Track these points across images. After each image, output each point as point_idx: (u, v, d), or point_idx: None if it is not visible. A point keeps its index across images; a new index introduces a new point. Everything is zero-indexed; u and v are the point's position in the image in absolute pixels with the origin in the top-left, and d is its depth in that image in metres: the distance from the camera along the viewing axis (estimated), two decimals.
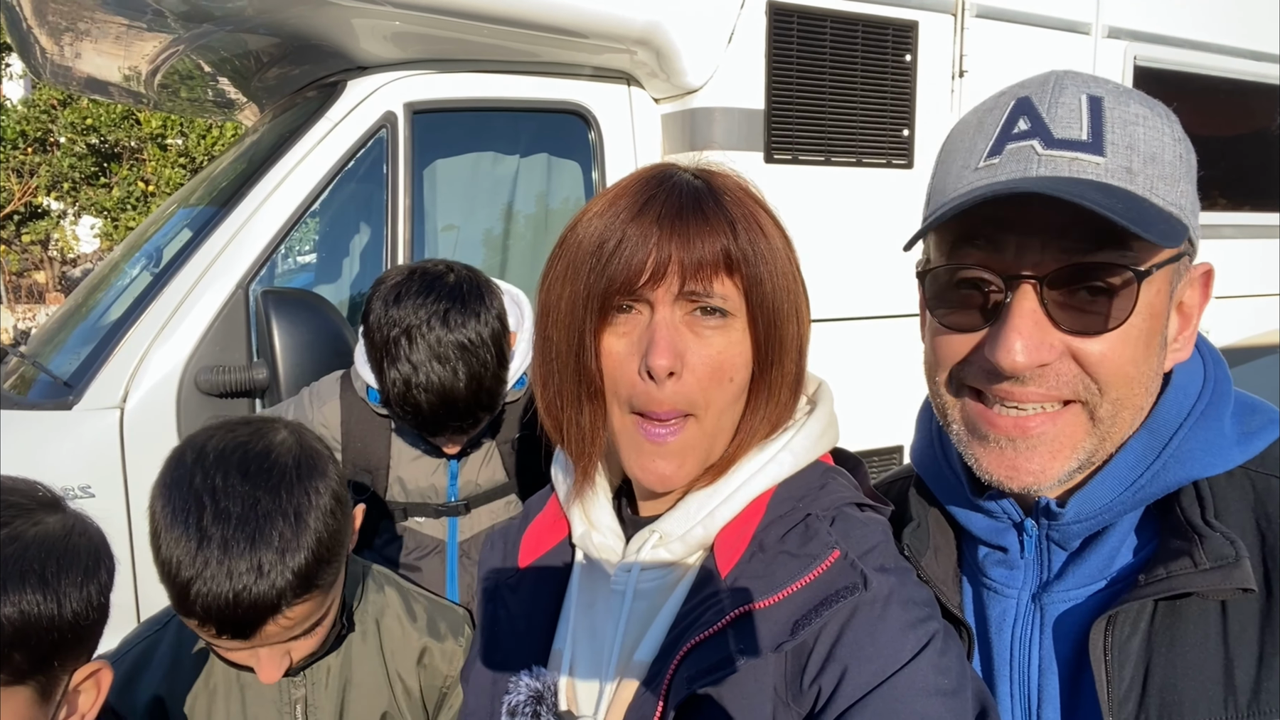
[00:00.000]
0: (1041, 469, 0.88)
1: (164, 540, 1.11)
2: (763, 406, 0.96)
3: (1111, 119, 0.84)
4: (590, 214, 0.95)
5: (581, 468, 1.00)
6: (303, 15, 2.85)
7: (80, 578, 0.98)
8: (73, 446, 2.53)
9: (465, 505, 2.11)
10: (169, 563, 1.10)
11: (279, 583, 1.11)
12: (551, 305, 0.96)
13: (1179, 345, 0.91)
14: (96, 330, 2.89)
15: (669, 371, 0.89)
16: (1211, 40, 4.28)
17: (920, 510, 1.04)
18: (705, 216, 0.91)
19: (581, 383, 0.95)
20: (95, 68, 3.80)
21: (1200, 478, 0.87)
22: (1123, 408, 0.87)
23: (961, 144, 0.92)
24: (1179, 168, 0.85)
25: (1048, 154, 0.83)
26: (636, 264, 0.89)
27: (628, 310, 0.92)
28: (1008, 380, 0.86)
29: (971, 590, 1.01)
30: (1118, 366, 0.84)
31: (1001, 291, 0.85)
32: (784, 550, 0.91)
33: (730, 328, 0.93)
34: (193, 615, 1.11)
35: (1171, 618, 0.84)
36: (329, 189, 2.91)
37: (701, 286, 0.90)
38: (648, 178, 0.95)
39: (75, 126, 14.07)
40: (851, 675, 0.82)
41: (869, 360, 3.32)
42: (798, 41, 3.27)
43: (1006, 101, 0.89)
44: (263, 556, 1.10)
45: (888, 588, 0.87)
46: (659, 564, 0.96)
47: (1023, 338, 0.83)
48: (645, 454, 0.93)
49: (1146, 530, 0.91)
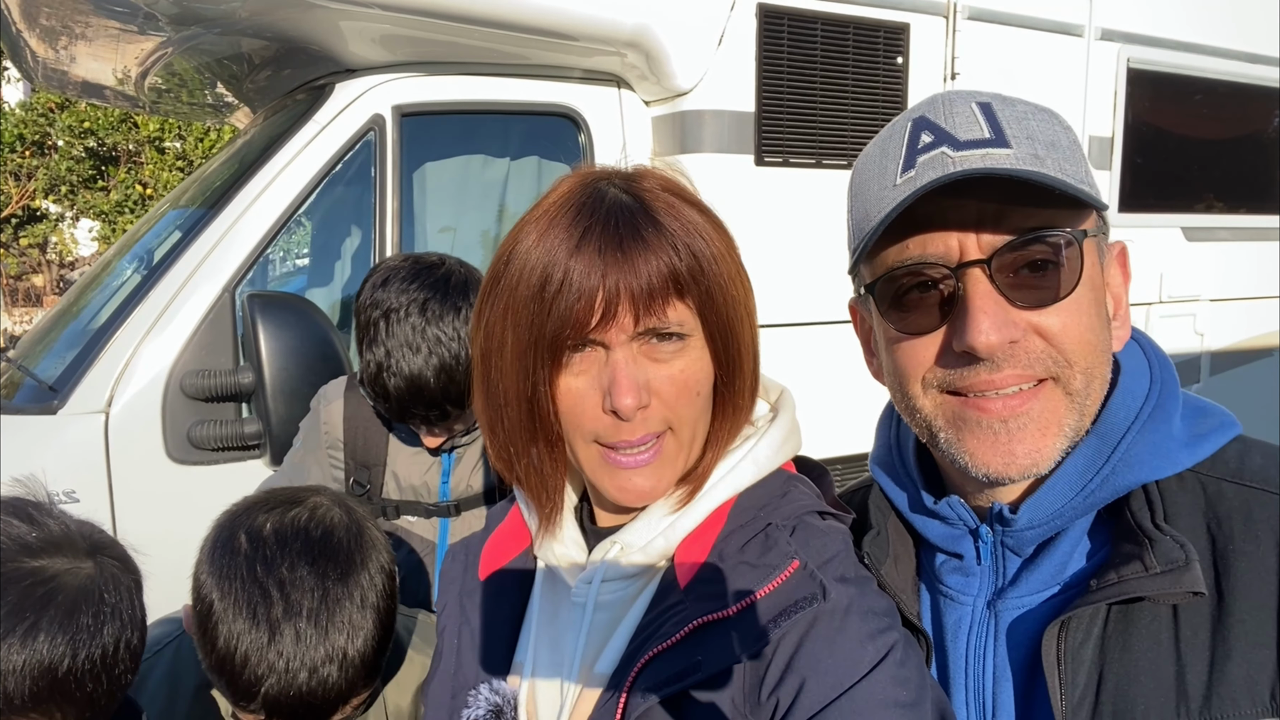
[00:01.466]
0: (1035, 448, 0.88)
1: (224, 631, 1.07)
2: (729, 414, 0.96)
3: (1005, 117, 0.88)
4: (523, 246, 0.90)
5: (546, 512, 0.98)
6: (291, 18, 2.85)
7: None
8: (57, 451, 2.52)
9: (455, 506, 2.10)
10: (232, 656, 1.07)
11: (350, 673, 1.11)
12: (494, 349, 0.92)
13: (1118, 324, 0.94)
14: (83, 334, 2.89)
15: (638, 407, 0.87)
16: (1205, 42, 4.27)
17: (880, 518, 1.04)
18: (645, 241, 0.87)
19: (538, 429, 0.92)
20: (87, 71, 3.80)
21: (1149, 481, 0.88)
22: (1093, 378, 0.88)
23: (871, 173, 0.95)
24: (1076, 151, 0.90)
25: (960, 154, 0.87)
26: (584, 305, 0.86)
27: (581, 349, 0.89)
28: (983, 367, 0.87)
29: (929, 598, 1.01)
30: (1079, 334, 0.87)
31: (953, 281, 0.87)
32: (743, 561, 0.91)
33: (688, 347, 0.91)
34: (253, 703, 1.08)
35: (1124, 623, 0.85)
36: (316, 192, 2.90)
37: (657, 320, 0.88)
38: (579, 203, 0.90)
39: (73, 130, 14.09)
40: (810, 687, 0.82)
41: (854, 366, 3.30)
42: (788, 44, 3.27)
43: (903, 125, 0.93)
44: (335, 648, 1.10)
45: (847, 598, 0.87)
46: (620, 576, 0.95)
47: (988, 316, 0.84)
48: (621, 475, 0.92)
49: (1099, 535, 0.91)
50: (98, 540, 1.01)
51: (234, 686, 1.09)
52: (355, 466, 2.11)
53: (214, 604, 1.09)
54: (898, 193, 0.89)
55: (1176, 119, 4.32)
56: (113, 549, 1.01)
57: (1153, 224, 4.23)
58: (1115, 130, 4.08)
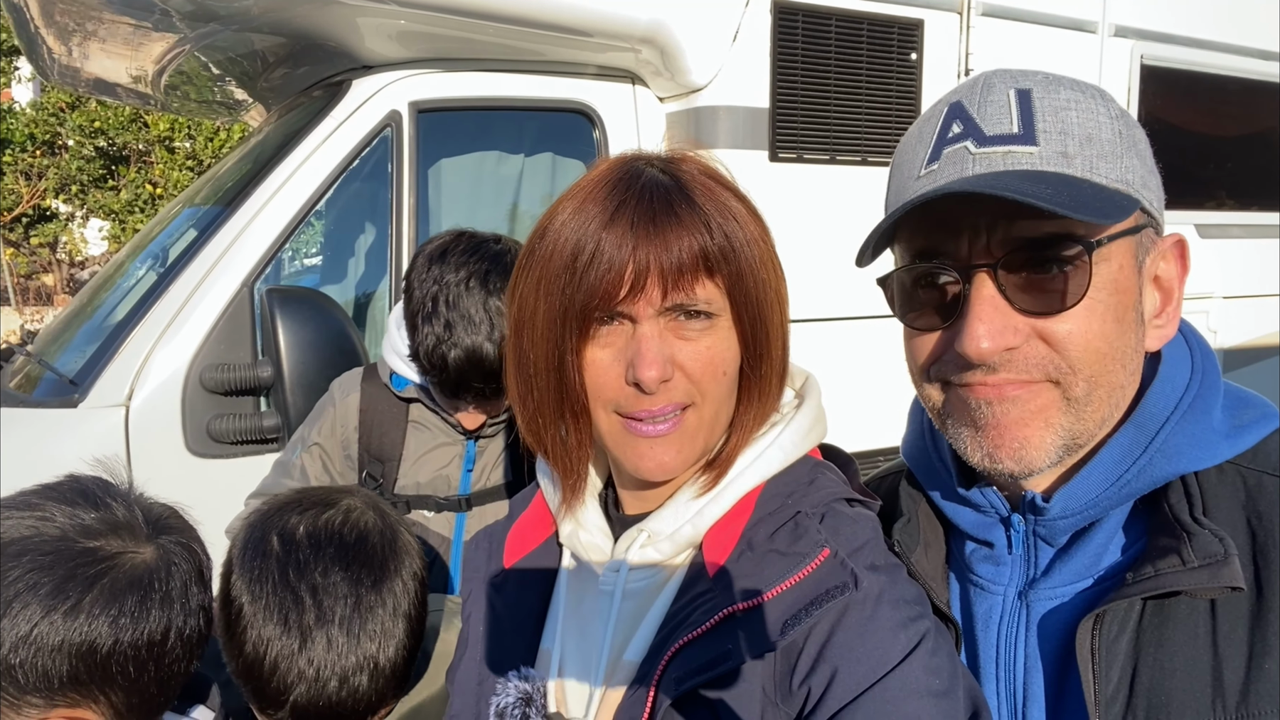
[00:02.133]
0: (1023, 439, 0.87)
1: (253, 636, 1.06)
2: (755, 399, 0.95)
3: (1041, 108, 0.86)
4: (559, 220, 0.91)
5: (570, 484, 0.99)
6: (308, 15, 2.86)
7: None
8: (78, 444, 2.54)
9: (468, 501, 2.11)
10: (261, 662, 1.06)
11: (381, 683, 1.09)
12: (526, 320, 0.93)
13: (1161, 322, 0.91)
14: (102, 329, 2.90)
15: (661, 380, 0.87)
16: (1219, 39, 4.26)
17: (910, 505, 1.04)
18: (679, 217, 0.87)
19: (564, 400, 0.92)
20: (102, 69, 3.82)
21: (1188, 472, 0.86)
22: (1097, 386, 0.86)
23: (906, 155, 0.94)
24: (1119, 144, 0.86)
25: (981, 152, 0.85)
26: (614, 276, 0.86)
27: (609, 322, 0.90)
28: (979, 370, 0.86)
29: (959, 587, 1.01)
30: (1087, 342, 0.85)
31: (959, 284, 0.86)
32: (773, 549, 0.90)
33: (716, 327, 0.91)
34: (280, 711, 1.07)
35: (1159, 617, 0.83)
36: (334, 188, 2.92)
37: (685, 295, 0.88)
38: (615, 179, 0.91)
39: (83, 129, 14.14)
40: (842, 676, 0.81)
41: (873, 359, 3.31)
42: (803, 40, 3.27)
43: (941, 109, 0.91)
44: (367, 656, 1.08)
45: (878, 586, 0.86)
46: (647, 563, 0.95)
47: (984, 323, 0.84)
48: (642, 445, 0.92)
49: (1135, 527, 0.90)
50: (165, 525, 1.00)
51: (261, 693, 1.07)
52: (369, 459, 2.11)
53: (244, 607, 1.07)
54: (919, 185, 0.89)
55: (1190, 116, 4.31)
56: (180, 534, 1.01)
57: (1166, 221, 4.21)
58: None
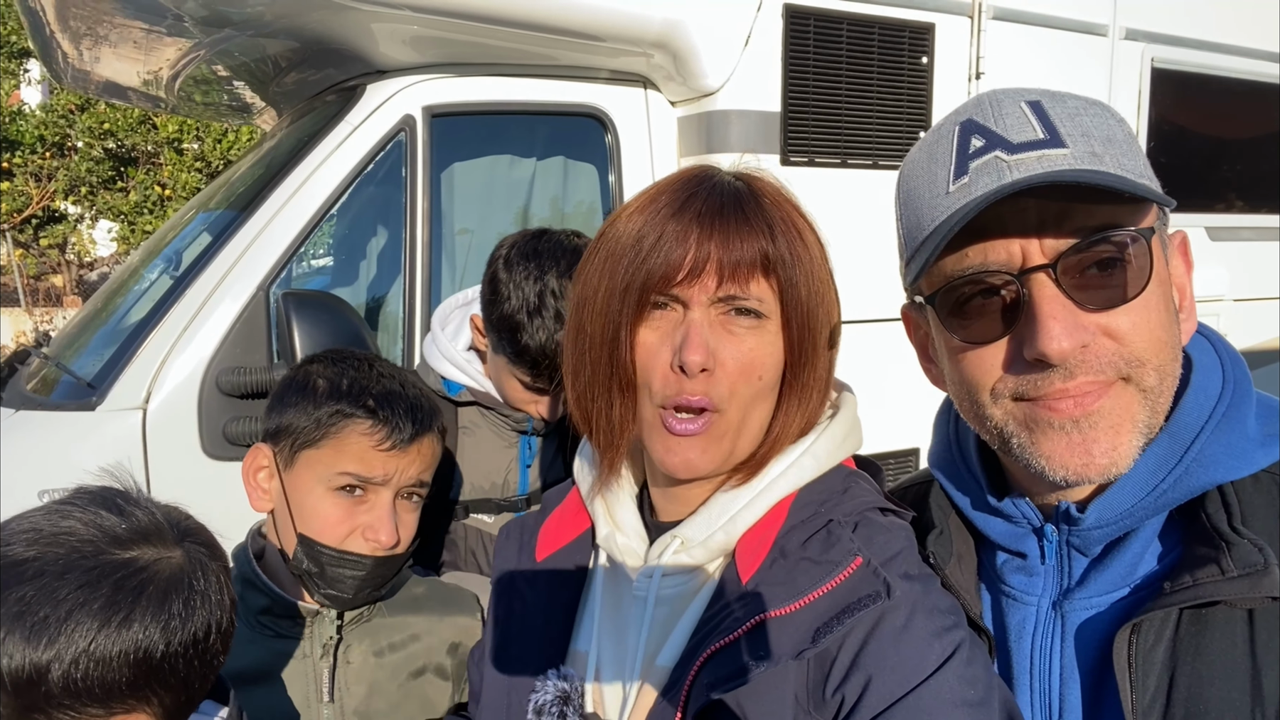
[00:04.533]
0: (1112, 447, 0.86)
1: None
2: (795, 408, 0.97)
3: (1057, 115, 0.86)
4: (630, 210, 0.96)
5: (608, 460, 1.01)
6: (322, 20, 2.87)
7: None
8: (95, 447, 2.55)
9: (526, 501, 2.08)
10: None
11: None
12: (588, 297, 0.97)
13: (1184, 316, 0.92)
14: (118, 332, 2.92)
15: (701, 367, 0.90)
16: (1230, 42, 4.25)
17: (941, 517, 1.03)
18: (745, 217, 0.92)
19: (614, 374, 0.95)
20: (115, 72, 3.84)
21: (1224, 481, 0.86)
22: (1165, 375, 0.87)
23: (919, 180, 0.92)
24: (1132, 145, 0.88)
25: (1015, 158, 0.85)
26: (675, 260, 0.90)
27: (663, 306, 0.93)
28: (1056, 375, 0.85)
29: (990, 598, 1.00)
30: (1150, 332, 0.85)
31: (1016, 288, 0.85)
32: (805, 557, 0.91)
33: (763, 329, 0.93)
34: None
35: (1197, 626, 0.83)
36: (348, 192, 2.92)
37: (738, 289, 0.91)
38: (689, 177, 0.96)
39: (93, 131, 14.18)
40: (876, 685, 0.82)
41: (886, 362, 3.31)
42: (814, 44, 3.27)
43: (950, 129, 0.91)
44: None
45: (913, 596, 0.87)
46: (680, 569, 0.96)
47: (1059, 322, 0.83)
48: (671, 441, 0.94)
49: (1170, 536, 0.90)
50: (185, 527, 1.03)
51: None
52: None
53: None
54: (951, 200, 0.87)
55: (1201, 119, 4.30)
56: (199, 534, 1.03)
57: (1176, 224, 4.19)
58: (1139, 130, 4.06)
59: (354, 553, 1.33)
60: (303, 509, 1.35)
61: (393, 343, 3.08)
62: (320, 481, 1.34)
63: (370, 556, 1.34)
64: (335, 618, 1.38)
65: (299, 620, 1.38)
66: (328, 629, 1.38)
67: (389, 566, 1.38)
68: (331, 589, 1.34)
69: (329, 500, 1.34)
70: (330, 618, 1.38)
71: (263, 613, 1.37)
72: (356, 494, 1.35)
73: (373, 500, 1.35)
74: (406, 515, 1.39)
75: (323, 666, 1.37)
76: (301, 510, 1.35)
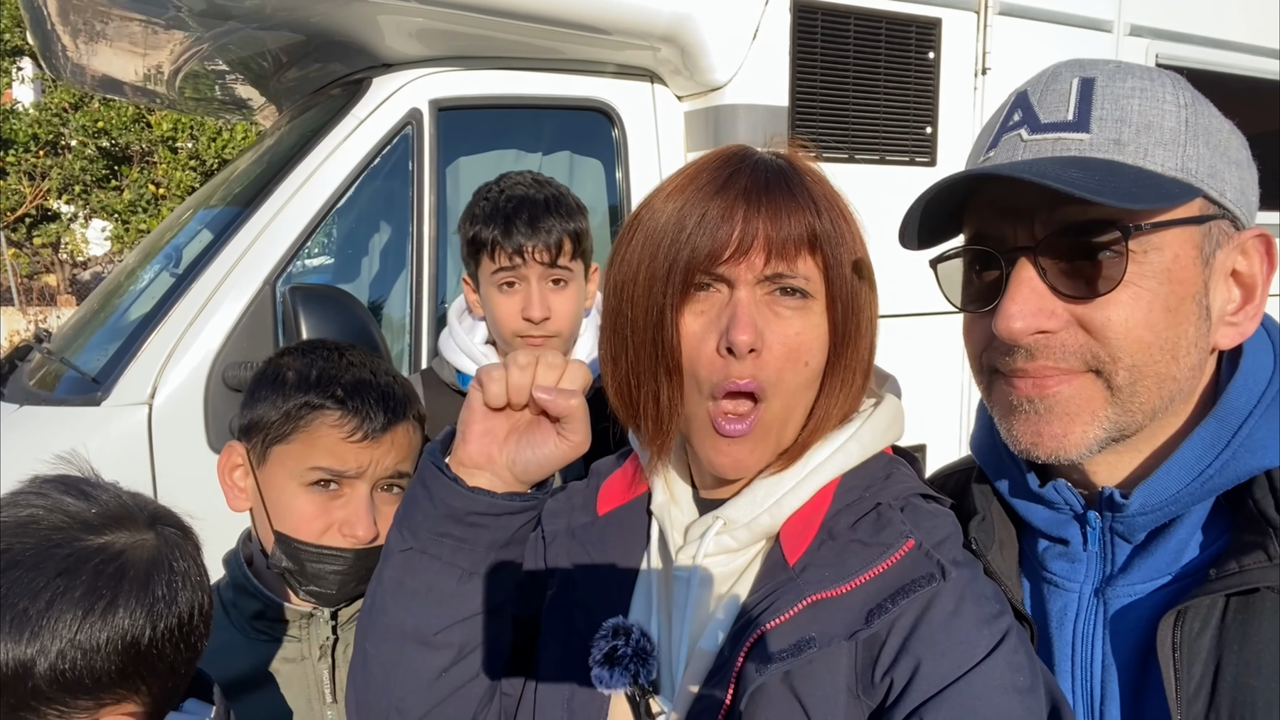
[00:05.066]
0: (1063, 433, 0.87)
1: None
2: (838, 391, 0.95)
3: (1102, 96, 0.86)
4: (668, 190, 0.94)
5: (658, 445, 0.99)
6: (328, 12, 2.85)
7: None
8: (101, 442, 2.53)
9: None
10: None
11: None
12: (626, 281, 0.95)
13: (1238, 320, 0.90)
14: (123, 328, 2.89)
15: (750, 348, 0.88)
16: (1234, 38, 4.25)
17: (984, 503, 1.03)
18: (791, 193, 0.90)
19: (659, 359, 0.93)
20: (114, 67, 3.81)
21: (1272, 467, 0.85)
22: (1141, 375, 0.85)
23: (978, 143, 0.96)
24: (1183, 132, 0.86)
25: (1033, 139, 0.87)
26: (721, 238, 0.88)
27: (706, 288, 0.91)
28: (1019, 355, 0.87)
29: (1030, 585, 1.00)
30: (1127, 330, 0.84)
31: (1001, 267, 0.87)
32: (855, 539, 0.90)
33: (809, 310, 0.92)
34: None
35: (1244, 613, 0.82)
36: (355, 186, 2.91)
37: (786, 266, 0.89)
38: (729, 155, 0.94)
39: (86, 130, 14.11)
40: (926, 670, 0.81)
41: (895, 358, 3.30)
42: (821, 39, 3.27)
43: (1012, 97, 0.93)
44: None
45: (962, 581, 0.87)
46: (723, 550, 0.95)
47: (1017, 304, 0.84)
48: (721, 443, 0.92)
49: (1216, 523, 0.89)
50: (154, 510, 0.99)
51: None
52: None
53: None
54: (979, 169, 0.89)
55: None
56: (168, 517, 1.00)
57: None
58: None
59: (332, 547, 1.28)
60: (277, 506, 1.30)
61: (398, 338, 3.06)
62: (293, 477, 1.29)
63: (350, 550, 1.29)
64: (329, 618, 1.34)
65: (294, 623, 1.34)
66: (323, 630, 1.34)
67: (371, 559, 1.31)
68: (314, 585, 1.30)
69: (303, 496, 1.29)
70: (324, 618, 1.34)
71: (256, 617, 1.34)
72: (331, 488, 1.29)
73: (348, 494, 1.30)
74: (386, 508, 1.33)
75: (322, 668, 1.34)
76: (276, 508, 1.31)
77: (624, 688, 0.93)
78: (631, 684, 0.93)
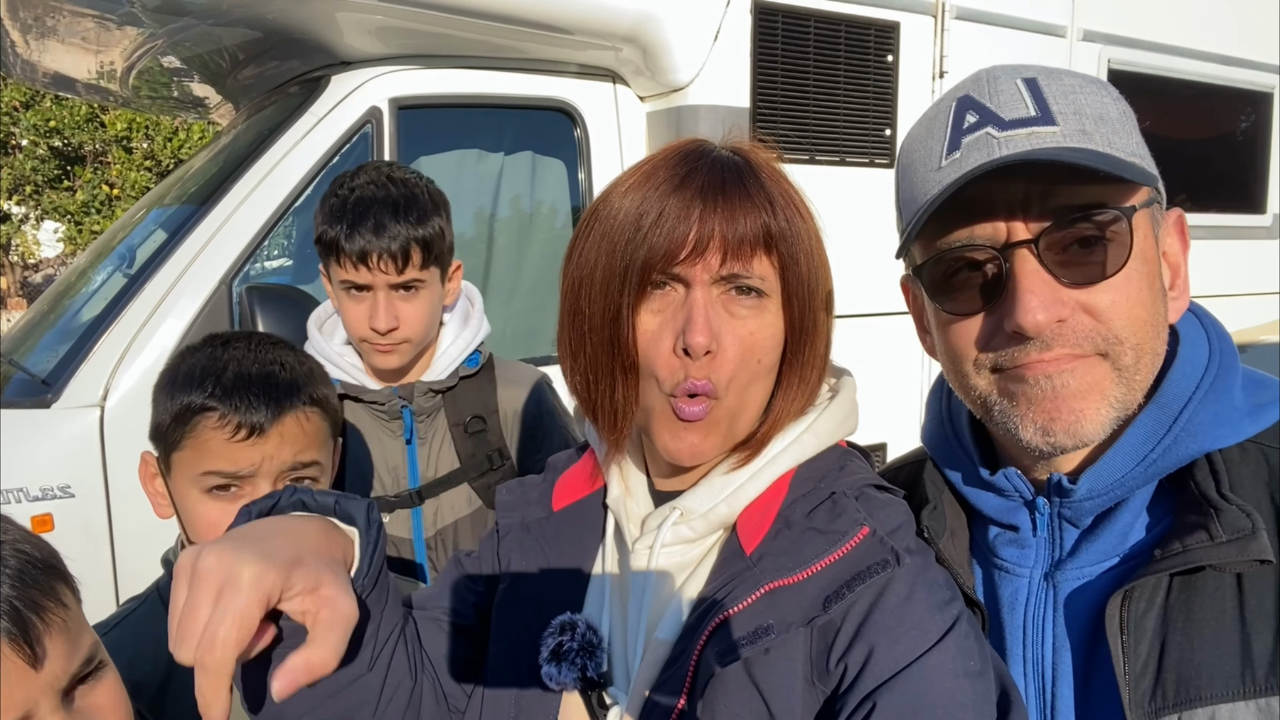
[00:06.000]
0: (1079, 410, 0.87)
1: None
2: (797, 385, 0.96)
3: (1051, 92, 0.88)
4: (625, 186, 0.94)
5: (614, 438, 0.99)
6: (286, 10, 2.82)
7: None
8: (51, 446, 2.47)
9: (419, 494, 2.02)
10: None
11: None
12: (584, 278, 0.94)
13: (1175, 294, 0.94)
14: (74, 329, 2.83)
15: (706, 350, 0.88)
16: (1184, 45, 4.37)
17: (935, 492, 1.04)
18: (747, 192, 0.90)
19: (616, 355, 0.93)
20: (66, 64, 3.74)
21: (1212, 450, 0.88)
22: (1143, 354, 0.88)
23: (918, 153, 0.95)
24: (1126, 123, 0.90)
25: (1005, 135, 0.87)
26: (678, 237, 0.88)
27: (662, 286, 0.91)
28: (1033, 347, 0.87)
29: (982, 572, 1.01)
30: (1129, 311, 0.86)
31: (999, 262, 0.87)
32: (811, 527, 0.91)
33: (764, 309, 0.92)
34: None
35: (1187, 592, 0.84)
36: (313, 184, 2.88)
37: (741, 266, 0.89)
38: (686, 152, 0.94)
39: (38, 129, 13.81)
40: (879, 655, 0.82)
41: (854, 358, 3.34)
42: (782, 41, 3.30)
43: (948, 104, 0.93)
44: None
45: (915, 568, 0.88)
46: (680, 540, 0.95)
47: (1037, 295, 0.84)
48: (677, 428, 0.92)
49: (1159, 506, 0.91)
50: None
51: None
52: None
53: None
54: (943, 175, 0.89)
55: (1154, 119, 4.41)
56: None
57: None
58: None
59: None
60: (186, 516, 1.26)
61: None
62: (192, 484, 1.24)
63: None
64: None
65: None
66: None
67: None
68: None
69: (204, 504, 1.24)
70: None
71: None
72: (231, 490, 1.24)
73: (249, 494, 1.24)
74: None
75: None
76: (186, 518, 1.26)
77: (573, 682, 0.93)
78: (580, 678, 0.93)
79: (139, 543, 2.54)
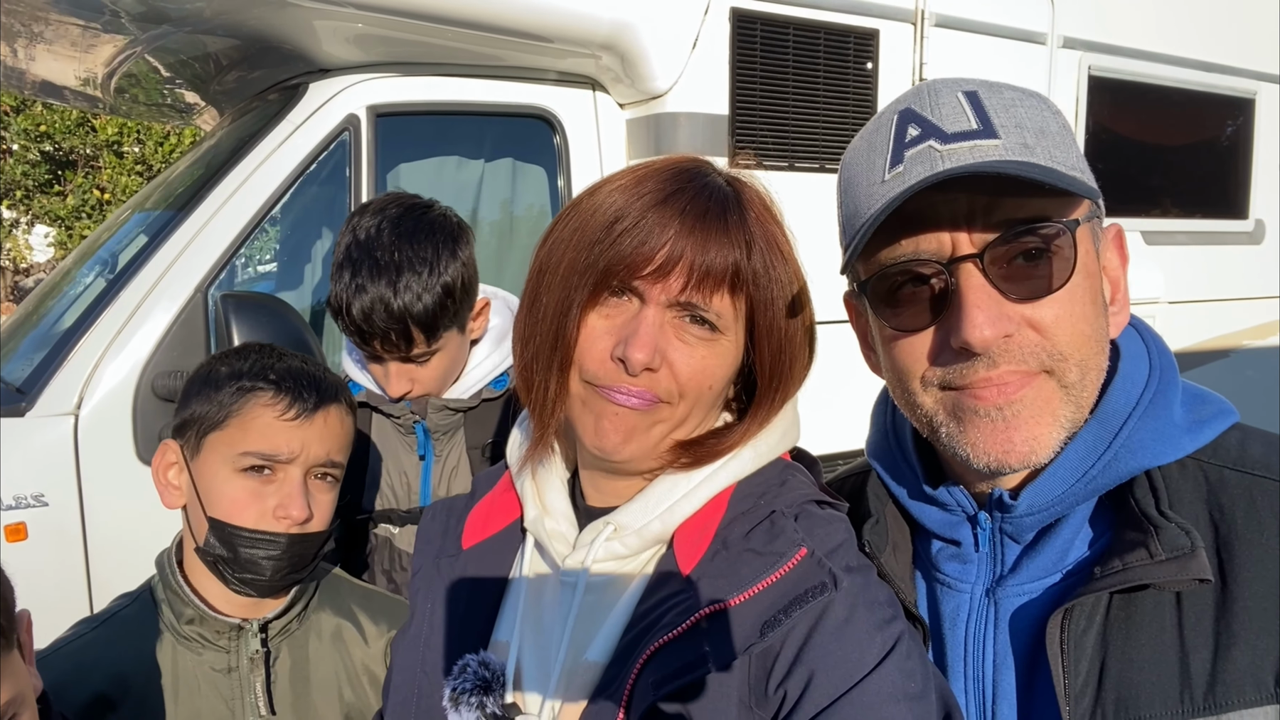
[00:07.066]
0: (1033, 436, 0.87)
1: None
2: (757, 419, 0.96)
3: (992, 106, 0.87)
4: (611, 186, 0.93)
5: (539, 434, 0.98)
6: (263, 17, 2.82)
7: None
8: (25, 454, 2.47)
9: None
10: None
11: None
12: (550, 267, 0.94)
13: (1116, 309, 0.93)
14: (50, 336, 2.83)
15: (646, 366, 0.88)
16: (1165, 51, 4.38)
17: (878, 506, 1.04)
18: (727, 226, 0.89)
19: (555, 350, 0.92)
20: (51, 71, 3.74)
21: (1152, 466, 0.88)
22: (1087, 370, 0.88)
23: (860, 168, 0.93)
24: (1066, 137, 0.89)
25: (948, 148, 0.86)
26: (647, 251, 0.87)
27: (620, 295, 0.91)
28: (980, 364, 0.86)
29: (925, 586, 1.01)
30: (1073, 325, 0.86)
31: (945, 277, 0.86)
32: (749, 548, 0.90)
33: (716, 343, 0.91)
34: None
35: (1127, 610, 0.84)
36: (291, 192, 2.87)
37: (700, 298, 0.89)
38: (680, 169, 0.93)
39: (29, 133, 13.77)
40: (819, 680, 0.81)
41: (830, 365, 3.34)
42: (761, 48, 3.30)
43: (890, 117, 0.92)
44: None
45: (855, 588, 0.87)
46: (613, 557, 0.94)
47: (983, 311, 0.84)
48: (607, 415, 0.91)
49: (1100, 522, 0.91)
50: None
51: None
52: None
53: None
54: (886, 189, 0.88)
55: (1135, 125, 4.42)
56: None
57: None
58: (1076, 135, 4.17)
59: (267, 532, 1.28)
60: (210, 494, 1.31)
61: (336, 348, 3.03)
62: (226, 463, 1.30)
63: (284, 534, 1.29)
64: (258, 630, 1.34)
65: (222, 634, 1.33)
66: (252, 643, 1.33)
67: (305, 545, 1.33)
68: (247, 573, 1.29)
69: (236, 482, 1.30)
70: (253, 630, 1.33)
71: (185, 621, 1.32)
72: (265, 474, 1.30)
73: (281, 478, 1.31)
74: (321, 495, 1.35)
75: (255, 680, 1.32)
76: (210, 495, 1.31)
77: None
78: (482, 716, 0.92)
79: (113, 551, 2.54)
